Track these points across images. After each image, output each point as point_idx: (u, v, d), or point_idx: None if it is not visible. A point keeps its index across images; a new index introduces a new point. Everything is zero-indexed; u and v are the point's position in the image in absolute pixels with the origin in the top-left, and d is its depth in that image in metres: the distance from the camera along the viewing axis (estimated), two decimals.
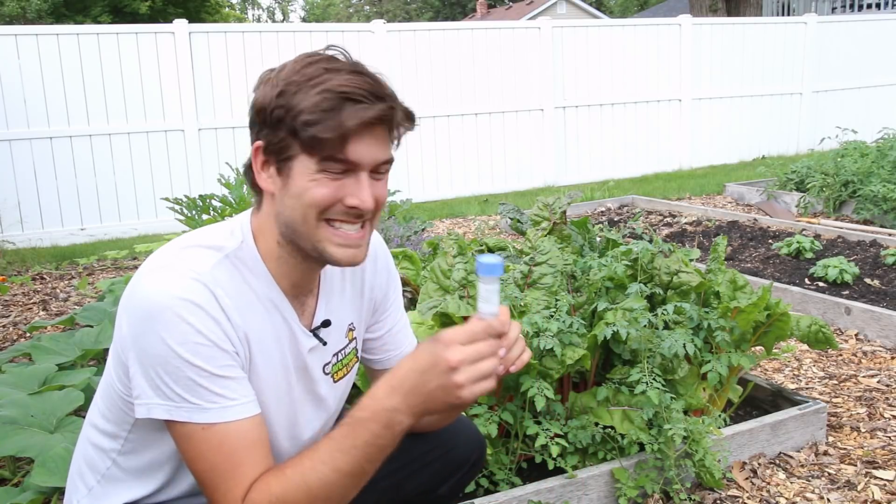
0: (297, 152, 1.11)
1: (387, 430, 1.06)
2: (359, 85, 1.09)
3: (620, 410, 2.09)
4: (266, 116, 1.11)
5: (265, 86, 1.13)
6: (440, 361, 1.02)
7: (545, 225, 2.88)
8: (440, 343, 1.04)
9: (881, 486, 2.13)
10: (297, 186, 1.12)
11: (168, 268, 1.12)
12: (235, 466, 1.09)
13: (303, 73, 1.10)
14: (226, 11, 34.45)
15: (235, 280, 1.15)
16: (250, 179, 1.19)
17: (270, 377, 1.19)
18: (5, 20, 20.76)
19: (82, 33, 6.50)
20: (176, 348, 1.06)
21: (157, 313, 1.07)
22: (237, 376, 1.12)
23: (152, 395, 1.09)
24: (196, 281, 1.10)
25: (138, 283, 1.12)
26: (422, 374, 1.04)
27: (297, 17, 64.31)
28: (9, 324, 4.09)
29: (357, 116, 1.08)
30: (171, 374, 1.07)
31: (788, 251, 4.53)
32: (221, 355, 1.10)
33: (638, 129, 8.76)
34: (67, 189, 6.48)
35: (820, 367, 3.03)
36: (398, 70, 7.42)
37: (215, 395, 1.08)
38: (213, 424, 1.08)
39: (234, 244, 1.18)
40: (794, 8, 15.96)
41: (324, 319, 1.29)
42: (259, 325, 1.17)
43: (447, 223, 6.61)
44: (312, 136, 1.08)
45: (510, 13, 33.99)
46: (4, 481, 2.22)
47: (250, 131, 1.17)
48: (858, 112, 9.60)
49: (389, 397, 1.05)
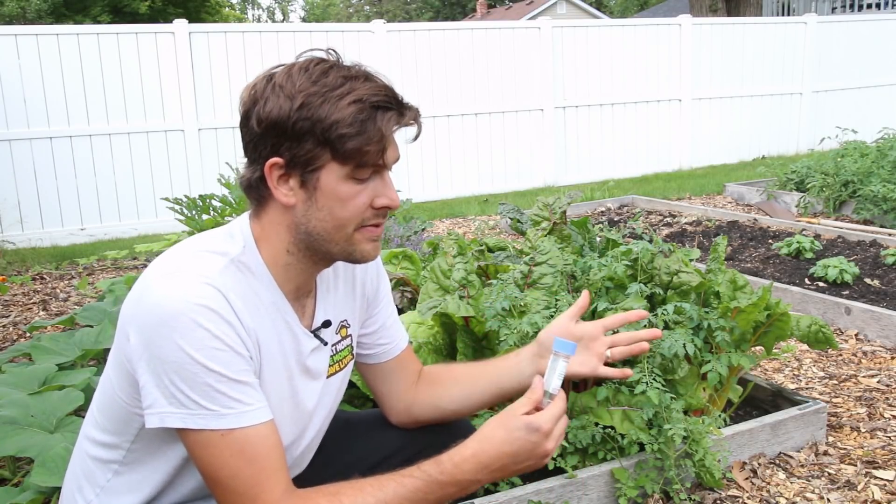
0: (326, 162, 1.11)
1: (462, 492, 1.14)
2: (385, 92, 1.12)
3: (620, 410, 2.09)
4: (286, 130, 1.09)
5: (274, 98, 1.10)
6: (539, 450, 1.14)
7: (545, 225, 2.88)
8: (540, 433, 1.13)
9: (881, 486, 2.13)
10: (329, 197, 1.13)
11: (177, 273, 1.10)
12: (260, 471, 1.08)
13: (322, 82, 1.09)
14: (226, 11, 34.45)
15: (242, 285, 1.14)
16: (256, 193, 1.16)
17: (275, 381, 1.19)
18: (5, 20, 20.75)
19: (82, 33, 6.51)
20: (193, 354, 1.05)
21: (172, 319, 1.05)
22: (252, 381, 1.11)
23: (165, 404, 1.07)
24: (209, 285, 1.08)
25: (147, 291, 1.10)
26: (515, 456, 1.14)
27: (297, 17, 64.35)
28: (9, 324, 4.09)
29: (392, 124, 1.12)
30: (188, 380, 1.05)
31: (788, 251, 4.53)
32: (238, 360, 1.09)
33: (638, 129, 8.77)
34: (67, 189, 6.48)
35: (820, 367, 3.03)
36: (398, 70, 7.42)
37: (232, 401, 1.07)
38: (232, 430, 1.07)
39: (237, 249, 1.16)
40: (794, 8, 15.96)
41: (324, 320, 1.29)
42: (265, 329, 1.16)
43: (447, 223, 6.61)
44: (355, 147, 1.09)
45: (510, 13, 33.99)
46: (4, 481, 2.22)
47: (254, 146, 1.13)
48: (858, 112, 9.60)
49: (478, 472, 1.13)
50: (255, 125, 1.11)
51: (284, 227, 1.17)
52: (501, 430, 1.14)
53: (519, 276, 2.28)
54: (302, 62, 1.13)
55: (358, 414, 1.59)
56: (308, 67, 1.12)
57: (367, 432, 1.51)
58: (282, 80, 1.11)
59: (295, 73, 1.11)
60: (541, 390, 1.18)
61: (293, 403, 1.24)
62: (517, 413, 1.15)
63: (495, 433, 1.14)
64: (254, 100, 1.12)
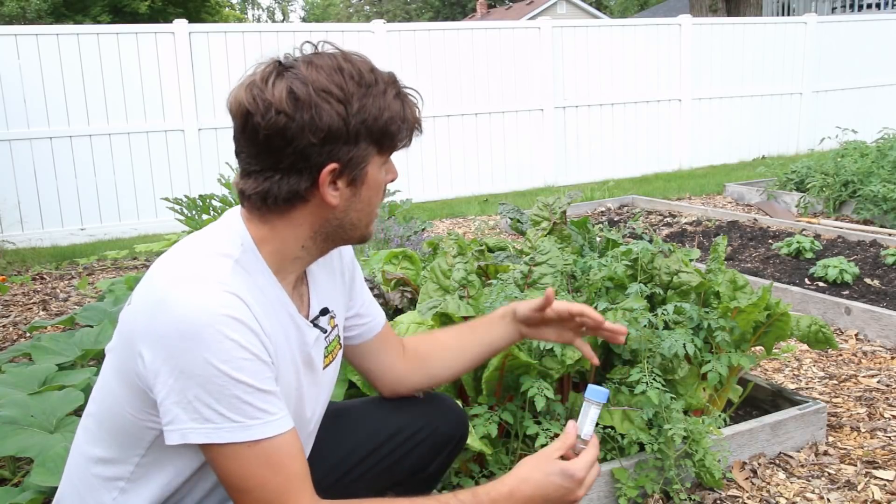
0: (373, 156, 1.14)
1: None
2: (399, 78, 1.17)
3: (620, 410, 2.09)
4: (345, 135, 1.08)
5: (327, 106, 1.06)
6: (570, 496, 1.18)
7: (545, 225, 2.88)
8: (574, 480, 1.18)
9: (881, 486, 2.13)
10: (372, 188, 1.17)
11: (193, 282, 1.05)
12: (287, 480, 1.07)
13: (363, 81, 1.10)
14: (226, 11, 34.46)
15: (250, 286, 1.11)
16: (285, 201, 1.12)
17: (284, 377, 1.17)
18: (5, 20, 20.74)
19: (82, 33, 6.51)
20: (220, 366, 1.02)
21: (197, 333, 1.01)
22: (275, 390, 1.09)
23: (186, 420, 1.03)
24: (228, 293, 1.05)
25: (163, 304, 1.04)
26: (546, 499, 1.18)
27: (297, 17, 64.33)
28: (9, 324, 4.09)
29: (415, 108, 1.17)
30: (214, 393, 1.02)
31: (788, 251, 4.53)
32: (263, 368, 1.07)
33: (638, 129, 8.76)
34: (67, 189, 6.48)
35: (820, 367, 3.03)
36: (398, 70, 7.31)
37: (259, 411, 1.05)
38: (259, 441, 1.05)
39: (238, 249, 1.13)
40: (794, 8, 15.96)
41: (322, 308, 1.28)
42: (275, 328, 1.14)
43: (447, 223, 6.60)
44: (401, 139, 1.15)
45: (510, 13, 33.98)
46: (4, 481, 2.22)
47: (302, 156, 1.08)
48: (858, 112, 9.59)
49: None
50: (308, 135, 1.06)
51: (308, 226, 1.15)
52: (538, 472, 1.19)
53: (519, 276, 2.27)
54: (322, 61, 1.10)
55: (348, 403, 1.60)
56: (338, 67, 1.09)
57: (360, 420, 1.52)
58: (324, 84, 1.07)
59: (329, 74, 1.08)
60: (574, 435, 1.24)
61: (297, 396, 1.23)
62: (552, 457, 1.20)
63: (532, 475, 1.19)
64: (295, 109, 1.06)
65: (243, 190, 1.15)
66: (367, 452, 1.46)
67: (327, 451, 1.43)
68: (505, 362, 1.95)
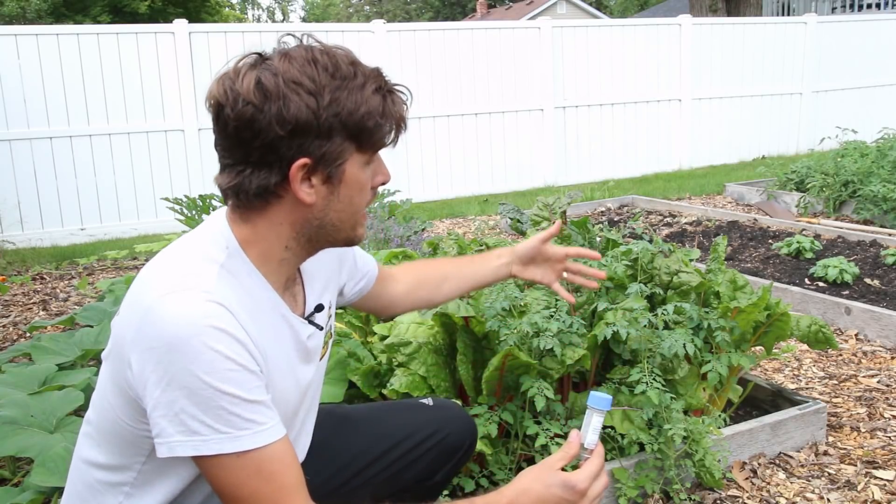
0: (352, 153, 1.09)
1: None
2: (384, 73, 1.12)
3: (620, 410, 2.09)
4: (315, 128, 1.04)
5: (296, 97, 1.03)
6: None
7: (545, 225, 2.88)
8: (575, 492, 1.14)
9: (881, 486, 2.13)
10: (352, 187, 1.12)
11: (177, 292, 1.04)
12: (279, 489, 1.06)
13: (338, 74, 1.06)
14: (226, 11, 34.45)
15: (237, 291, 1.09)
16: (259, 197, 1.10)
17: (279, 382, 1.16)
18: (5, 20, 20.74)
19: (82, 33, 6.51)
20: (205, 378, 1.00)
21: (181, 345, 1.00)
22: (265, 399, 1.07)
23: (173, 433, 1.02)
24: (212, 302, 1.03)
25: (148, 316, 1.03)
26: None
27: (297, 17, 64.33)
28: (9, 324, 4.09)
29: (402, 104, 1.12)
30: (200, 405, 1.01)
31: (788, 251, 4.53)
32: (250, 378, 1.05)
33: (638, 129, 8.76)
34: (67, 189, 6.48)
35: (820, 367, 3.03)
36: (398, 70, 7.41)
37: (246, 422, 1.04)
38: (248, 451, 1.04)
39: (223, 253, 1.11)
40: (794, 8, 15.96)
41: (317, 304, 1.28)
42: (266, 331, 1.12)
43: (447, 223, 6.60)
44: (381, 135, 1.10)
45: (510, 13, 33.98)
46: (4, 481, 2.22)
47: (270, 149, 1.05)
48: (858, 112, 9.60)
49: None
50: (276, 127, 1.03)
51: (288, 225, 1.13)
52: (538, 484, 1.15)
53: None
54: (297, 53, 1.07)
55: (357, 408, 1.60)
56: (312, 58, 1.06)
57: (369, 425, 1.52)
58: (295, 75, 1.04)
59: (301, 66, 1.05)
60: (577, 444, 1.20)
61: (297, 390, 1.23)
62: (554, 467, 1.16)
63: (532, 486, 1.15)
64: (263, 100, 1.03)
65: (220, 185, 1.13)
66: (374, 457, 1.46)
67: (334, 454, 1.42)
68: (505, 362, 1.95)
